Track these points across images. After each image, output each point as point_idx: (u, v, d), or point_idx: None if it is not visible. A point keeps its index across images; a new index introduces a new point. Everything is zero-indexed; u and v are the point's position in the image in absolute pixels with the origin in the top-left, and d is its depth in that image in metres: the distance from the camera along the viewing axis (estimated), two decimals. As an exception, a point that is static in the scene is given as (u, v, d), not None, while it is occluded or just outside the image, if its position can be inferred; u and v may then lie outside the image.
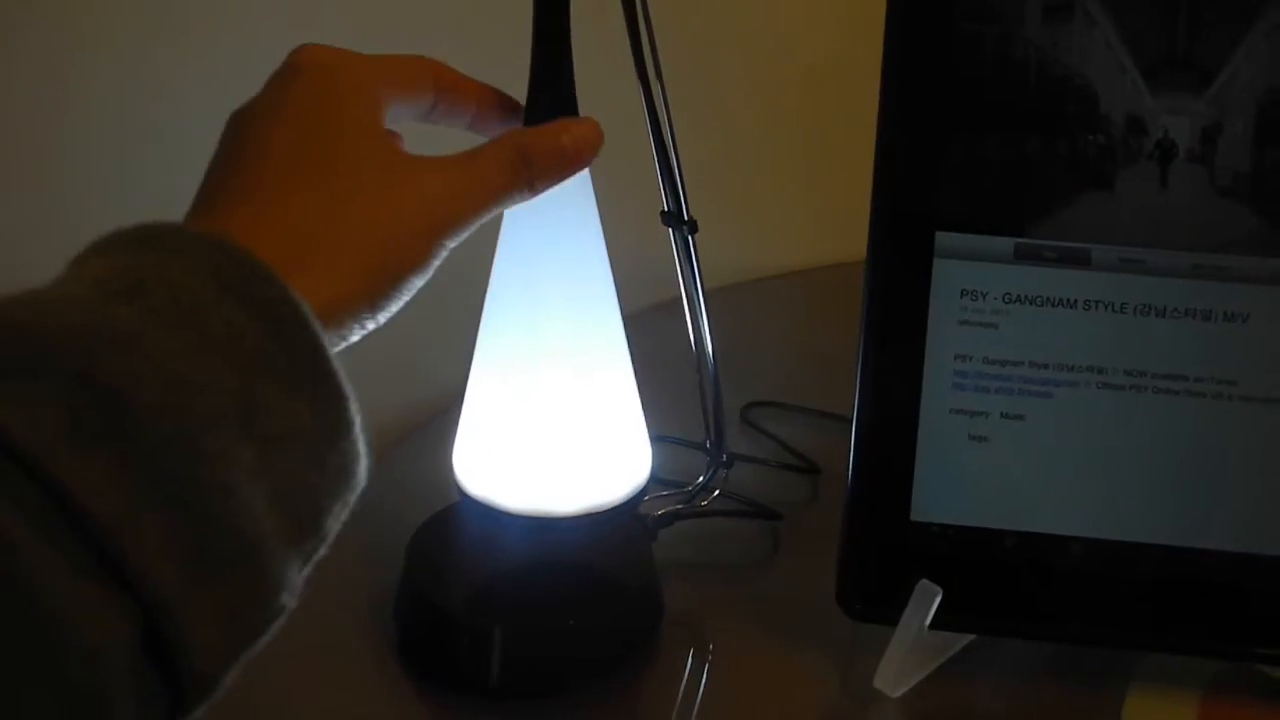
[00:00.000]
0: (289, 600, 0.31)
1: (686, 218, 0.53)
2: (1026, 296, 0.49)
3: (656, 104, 0.51)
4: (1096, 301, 0.49)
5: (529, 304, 0.49)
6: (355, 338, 0.36)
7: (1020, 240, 0.49)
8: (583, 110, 0.46)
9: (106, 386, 0.27)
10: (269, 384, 0.30)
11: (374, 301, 0.36)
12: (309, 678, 0.53)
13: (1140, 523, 0.50)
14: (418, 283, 0.37)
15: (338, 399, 0.31)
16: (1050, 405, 0.49)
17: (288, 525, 0.30)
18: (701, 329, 0.56)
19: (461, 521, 0.54)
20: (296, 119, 0.37)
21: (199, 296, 0.30)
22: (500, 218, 0.48)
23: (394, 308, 0.37)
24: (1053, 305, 0.49)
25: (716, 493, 0.61)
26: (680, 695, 0.54)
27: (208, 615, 0.28)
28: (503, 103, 0.45)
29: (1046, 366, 0.49)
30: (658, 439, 0.54)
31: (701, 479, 0.60)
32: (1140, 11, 0.47)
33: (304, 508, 0.30)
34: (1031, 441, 0.50)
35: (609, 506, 0.50)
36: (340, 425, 0.31)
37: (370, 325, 0.36)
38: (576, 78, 0.46)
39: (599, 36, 0.48)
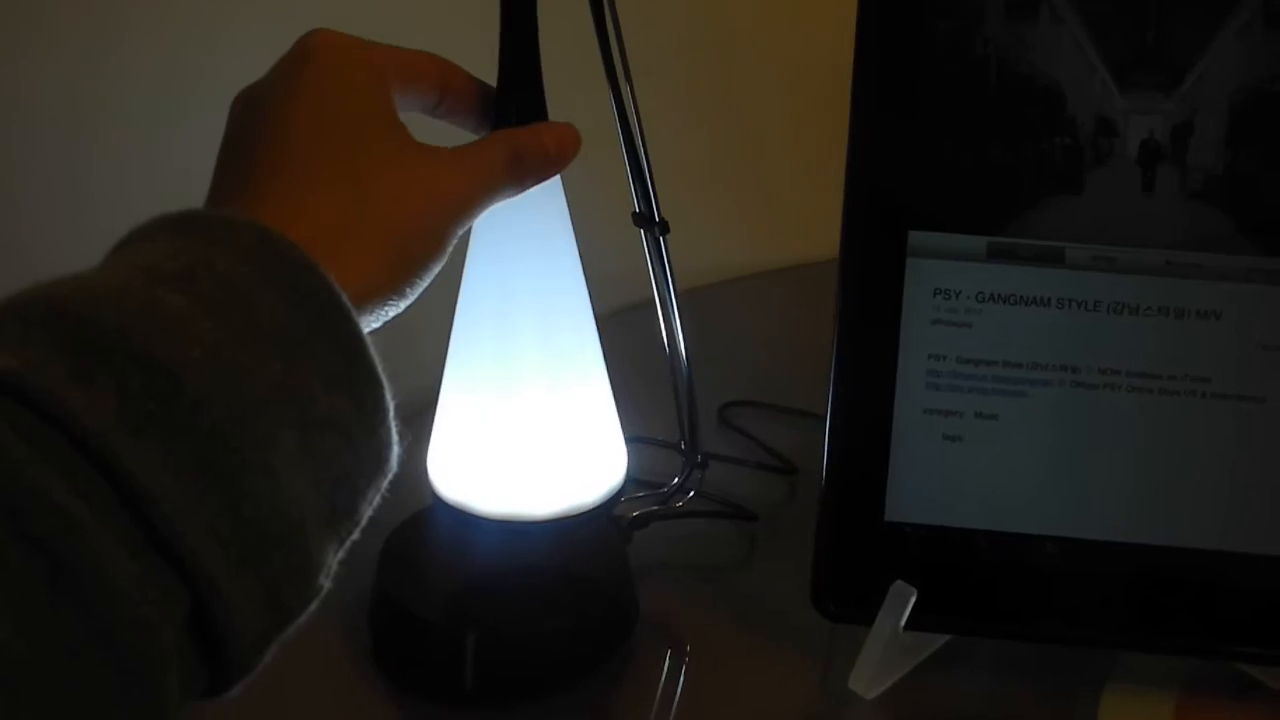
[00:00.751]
0: (325, 582, 0.31)
1: (658, 219, 0.53)
2: (1000, 295, 0.49)
3: (626, 106, 0.51)
4: (1070, 300, 0.49)
5: (501, 307, 0.48)
6: (378, 324, 0.37)
7: (993, 239, 0.49)
8: (552, 112, 0.46)
9: (162, 372, 0.28)
10: (311, 371, 0.31)
11: (400, 289, 0.37)
12: (282, 682, 0.52)
13: (1114, 521, 0.50)
14: (437, 268, 0.38)
15: (375, 387, 0.32)
16: (1024, 404, 0.49)
17: (326, 509, 0.31)
18: (674, 329, 0.56)
19: (435, 525, 0.54)
20: (313, 103, 0.37)
21: (245, 285, 0.30)
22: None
23: (416, 294, 0.38)
24: (1026, 304, 0.49)
25: (692, 494, 0.60)
26: (657, 698, 0.54)
27: (252, 595, 0.29)
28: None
29: (1020, 365, 0.49)
30: (632, 440, 0.54)
31: (676, 480, 0.60)
32: (1109, 9, 0.47)
33: (341, 492, 0.31)
34: (1005, 441, 0.49)
35: (583, 509, 0.50)
36: (377, 412, 0.32)
37: (393, 312, 0.37)
38: (546, 79, 0.46)
39: (568, 38, 0.48)
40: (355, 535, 0.33)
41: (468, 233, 0.48)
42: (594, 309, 0.50)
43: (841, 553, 0.51)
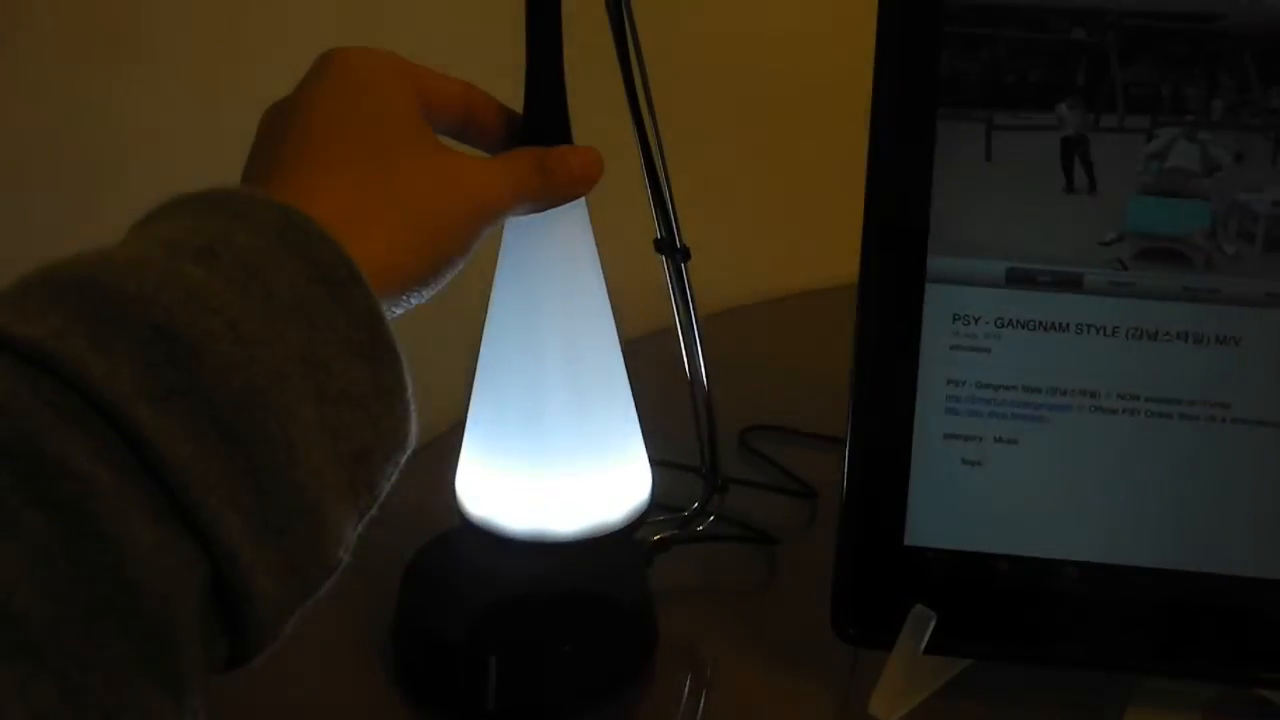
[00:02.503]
0: (344, 555, 0.32)
1: (679, 245, 0.54)
2: (1018, 321, 0.49)
3: (648, 133, 0.51)
4: (1089, 325, 0.49)
5: (528, 330, 0.49)
6: (400, 310, 0.37)
7: (1012, 264, 0.49)
8: (576, 139, 0.47)
9: (183, 341, 0.28)
10: (330, 345, 0.31)
11: (422, 277, 0.37)
12: (307, 702, 0.53)
13: (1135, 546, 0.50)
14: (460, 264, 0.39)
15: (393, 362, 0.32)
16: (1043, 429, 0.49)
17: (345, 481, 0.31)
18: (695, 354, 0.56)
19: (459, 545, 0.54)
20: (339, 101, 0.38)
21: (265, 259, 0.31)
22: (497, 243, 0.49)
23: (438, 285, 0.38)
24: (1045, 329, 0.49)
25: (713, 518, 0.61)
26: (677, 721, 0.54)
27: (271, 565, 0.29)
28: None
29: (1039, 390, 0.49)
30: (653, 464, 0.54)
31: (697, 504, 0.60)
32: (1142, 54, 0.47)
33: (359, 465, 0.31)
34: (1025, 465, 0.50)
35: (610, 529, 0.50)
36: (395, 387, 0.32)
37: (414, 301, 0.38)
38: (570, 107, 0.47)
39: (592, 66, 0.49)
40: (374, 510, 0.33)
41: (495, 257, 0.49)
42: (618, 334, 0.51)
43: (861, 577, 0.51)
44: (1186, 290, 0.48)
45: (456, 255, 0.38)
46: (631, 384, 0.52)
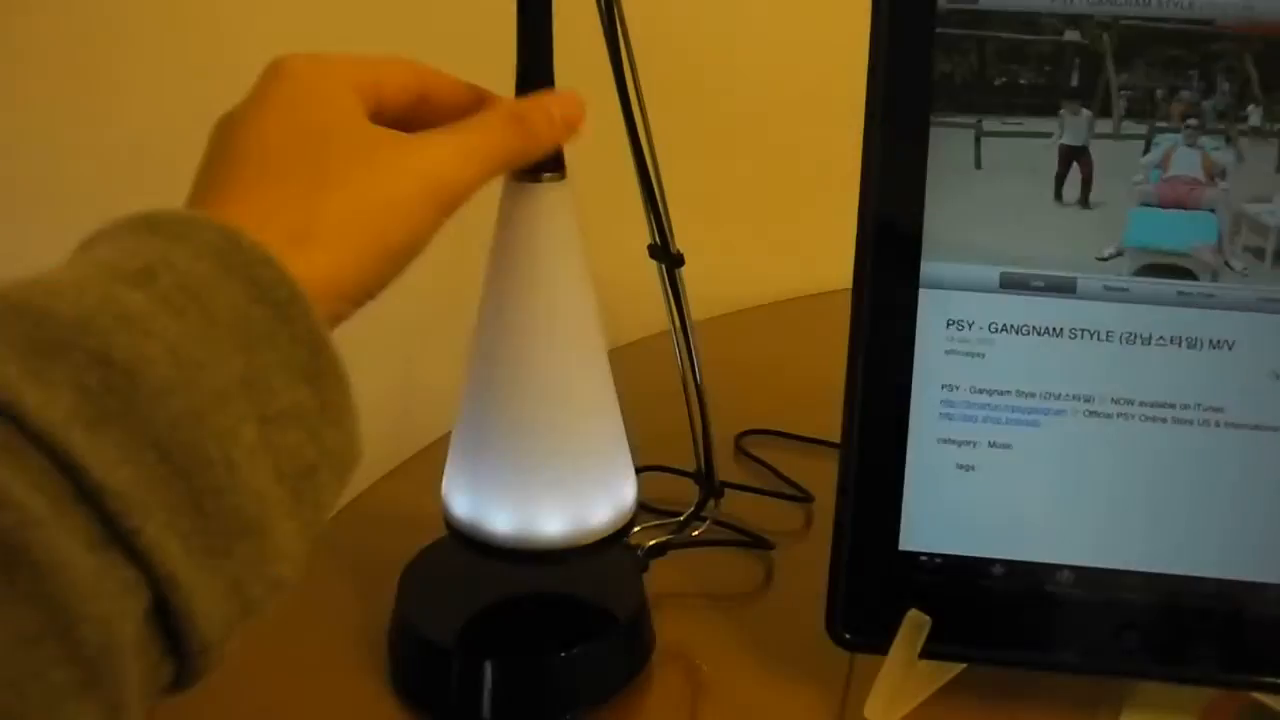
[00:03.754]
0: (290, 573, 0.32)
1: (673, 251, 0.54)
2: (1013, 326, 0.49)
3: (641, 139, 0.51)
4: (1083, 330, 0.49)
5: (515, 338, 0.49)
6: (354, 311, 0.37)
7: (1005, 269, 0.49)
8: (568, 145, 0.47)
9: (120, 367, 0.28)
10: (272, 365, 0.31)
11: (371, 278, 0.37)
12: (302, 709, 0.53)
13: (1130, 550, 0.50)
14: (420, 249, 0.38)
15: (337, 380, 0.33)
16: (1038, 434, 0.49)
17: (290, 500, 0.31)
18: (689, 359, 0.56)
19: (452, 553, 0.54)
20: (279, 114, 0.37)
21: (204, 281, 0.31)
22: (488, 249, 0.49)
23: (390, 280, 0.38)
24: (1039, 334, 0.49)
25: (709, 522, 0.61)
26: (673, 726, 0.54)
27: (213, 587, 0.29)
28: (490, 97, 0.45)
29: (1033, 395, 0.49)
30: (648, 468, 0.54)
31: (693, 509, 0.60)
32: (1138, 57, 0.47)
33: (305, 484, 0.32)
34: (1019, 470, 0.50)
35: (597, 537, 0.50)
36: (340, 405, 0.33)
37: (367, 300, 0.37)
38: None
39: (583, 71, 0.49)
40: (320, 527, 0.33)
41: (482, 263, 0.49)
42: (613, 339, 0.51)
43: (856, 581, 0.51)
44: (1180, 295, 0.49)
45: (413, 245, 0.38)
46: (626, 389, 0.52)
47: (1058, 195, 0.48)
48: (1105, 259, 0.48)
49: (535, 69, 0.45)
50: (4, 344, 0.28)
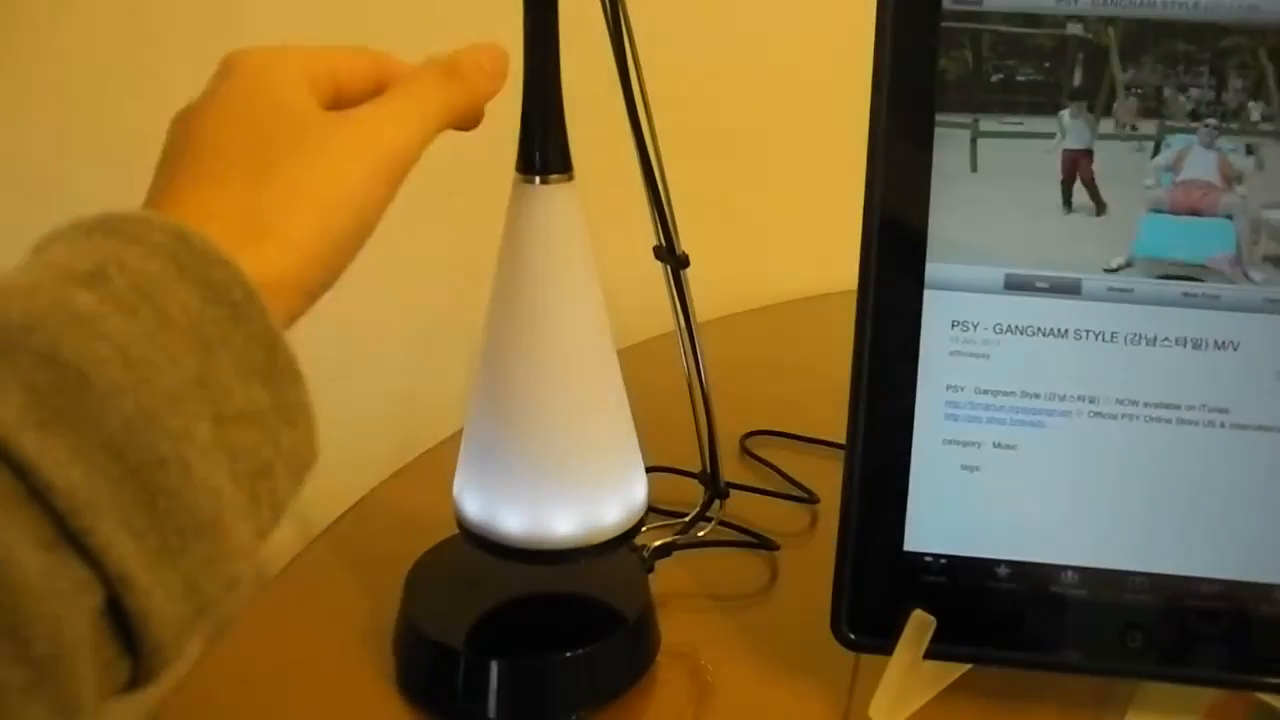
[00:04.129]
0: (245, 570, 0.32)
1: (678, 253, 0.54)
2: (1017, 327, 0.49)
3: (646, 140, 0.51)
4: (1087, 331, 0.49)
5: (525, 338, 0.49)
6: (310, 304, 0.37)
7: (1010, 270, 0.49)
8: (574, 147, 0.47)
9: (70, 367, 0.28)
10: (226, 365, 0.31)
11: (324, 268, 0.36)
12: (308, 708, 0.53)
13: (1134, 551, 0.50)
14: (365, 234, 0.37)
15: (293, 379, 0.33)
16: (1042, 435, 0.50)
17: (246, 500, 0.31)
18: (695, 361, 0.57)
19: (459, 553, 0.55)
20: (231, 108, 0.37)
21: (157, 281, 0.31)
22: (497, 251, 0.49)
23: (343, 266, 0.37)
24: (1044, 335, 0.49)
25: (714, 523, 0.61)
26: (678, 726, 0.54)
27: (167, 586, 0.29)
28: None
29: (1038, 396, 0.49)
30: (654, 469, 0.54)
31: (698, 509, 0.60)
32: (1147, 55, 0.48)
33: (261, 483, 0.32)
34: (1024, 471, 0.50)
35: (607, 536, 0.50)
36: (295, 404, 0.33)
37: (323, 291, 0.37)
38: (568, 114, 0.47)
39: (590, 74, 0.49)
40: (276, 525, 0.33)
41: (490, 265, 0.49)
42: (619, 340, 0.51)
43: (861, 582, 0.51)
44: (1185, 296, 0.49)
45: (363, 225, 0.37)
46: (632, 390, 0.52)
47: (1066, 203, 0.48)
48: (1114, 270, 0.48)
49: (542, 70, 0.46)
50: None
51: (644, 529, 0.53)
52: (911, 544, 0.50)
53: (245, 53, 0.39)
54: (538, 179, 0.47)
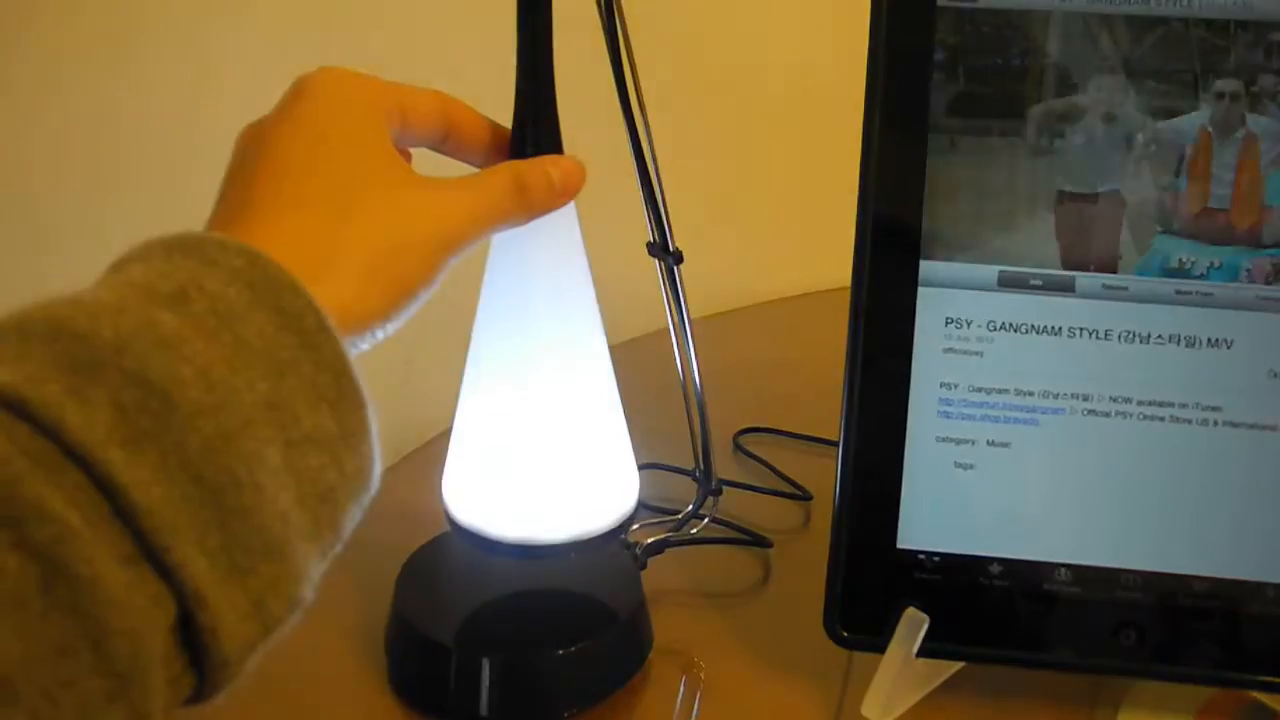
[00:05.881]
0: (309, 593, 0.32)
1: (671, 249, 0.54)
2: (1011, 324, 0.49)
3: (640, 137, 0.51)
4: (1081, 329, 0.49)
5: (516, 334, 0.49)
6: (366, 346, 0.38)
7: (1004, 268, 0.49)
8: (568, 145, 0.47)
9: (155, 389, 0.29)
10: (297, 391, 0.32)
11: (386, 311, 0.38)
12: (300, 708, 0.53)
13: (1128, 549, 0.50)
14: (425, 295, 0.39)
15: (358, 406, 0.33)
16: (1036, 432, 0.50)
17: (310, 523, 0.32)
18: (688, 357, 0.56)
19: (451, 551, 0.54)
20: (309, 135, 0.38)
21: (235, 306, 0.31)
22: (487, 247, 0.49)
23: (404, 317, 0.39)
24: (1037, 332, 0.49)
25: (707, 520, 0.61)
26: (671, 724, 0.54)
27: (237, 605, 0.30)
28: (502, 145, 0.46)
29: (1032, 394, 0.49)
30: (648, 467, 0.54)
31: (691, 506, 0.60)
32: (1143, 41, 0.47)
33: (325, 507, 0.32)
34: (1017, 468, 0.50)
35: (597, 534, 0.50)
36: (360, 431, 0.33)
37: (381, 335, 0.38)
38: (561, 111, 0.47)
39: (584, 71, 0.49)
40: (339, 549, 0.34)
41: (484, 261, 0.49)
42: (612, 337, 0.51)
43: (854, 580, 0.51)
44: (1179, 294, 0.49)
45: (421, 289, 0.39)
46: (625, 387, 0.52)
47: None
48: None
49: (535, 68, 0.45)
50: (46, 363, 0.28)
51: (636, 526, 0.53)
52: (904, 541, 0.50)
53: (322, 75, 0.39)
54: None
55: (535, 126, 0.46)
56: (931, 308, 0.49)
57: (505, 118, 0.46)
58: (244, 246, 0.33)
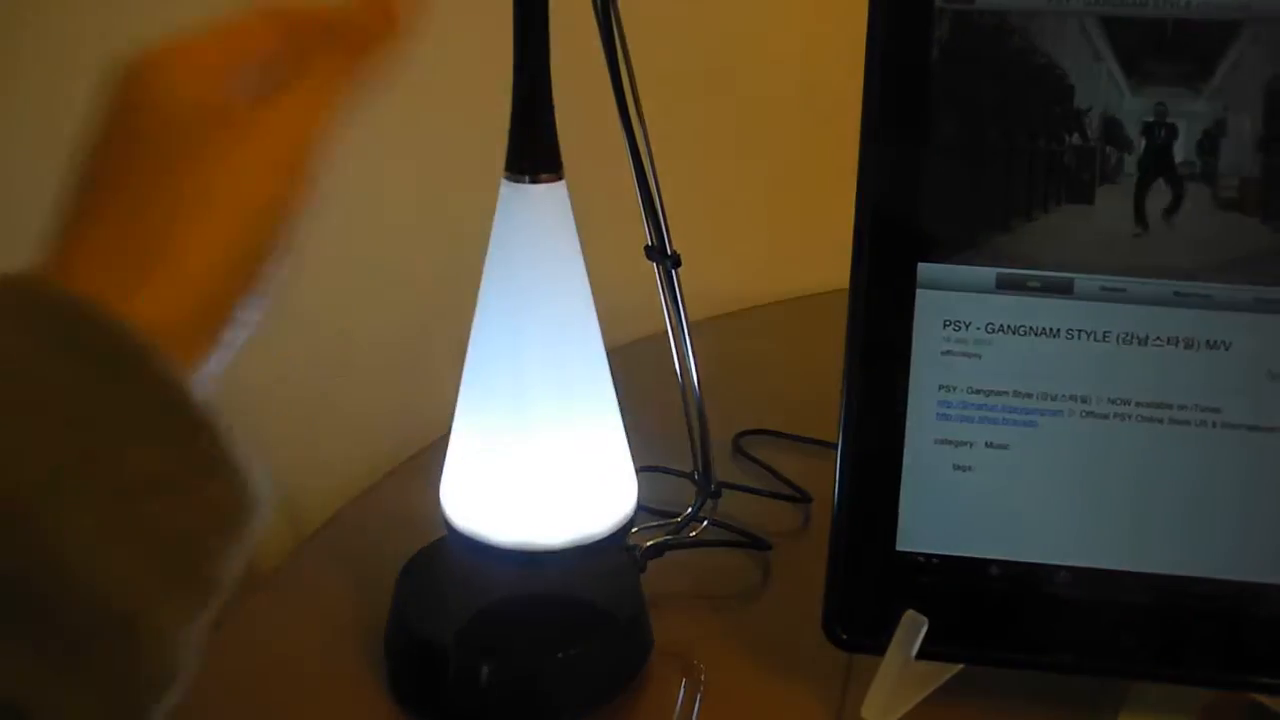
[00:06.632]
0: (187, 656, 0.29)
1: (670, 252, 0.54)
2: (1009, 326, 0.49)
3: (638, 140, 0.51)
4: (1079, 330, 0.49)
5: (513, 339, 0.49)
6: (228, 333, 0.32)
7: (1002, 270, 0.49)
8: (565, 147, 0.47)
9: None
10: (112, 432, 0.28)
11: (244, 291, 0.32)
12: (299, 709, 0.53)
13: (1126, 551, 0.50)
14: (272, 250, 0.33)
15: (197, 431, 0.29)
16: (1034, 434, 0.49)
17: (163, 579, 0.28)
18: (686, 360, 0.56)
19: (450, 555, 0.54)
20: (106, 131, 0.33)
21: (20, 353, 0.27)
22: (486, 251, 0.49)
23: (255, 289, 0.32)
24: (1035, 335, 0.49)
25: (706, 523, 0.61)
26: (671, 727, 0.54)
27: (79, 699, 0.26)
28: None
29: (1030, 396, 0.49)
30: (646, 469, 0.54)
31: (691, 509, 0.60)
32: (1132, 32, 0.47)
33: (180, 555, 0.28)
34: (1016, 470, 0.50)
35: (596, 538, 0.50)
36: (211, 455, 0.29)
37: (250, 302, 0.32)
38: (559, 116, 0.47)
39: (581, 75, 0.49)
40: (223, 595, 0.30)
41: (482, 265, 0.49)
42: (610, 340, 0.51)
43: (853, 582, 0.51)
44: (1177, 295, 0.49)
45: (269, 240, 0.32)
46: (624, 390, 0.52)
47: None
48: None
49: (532, 69, 0.45)
50: None
51: (636, 529, 0.53)
52: (904, 544, 0.50)
53: (123, 61, 0.33)
54: (527, 179, 0.47)
55: (531, 130, 0.46)
56: (930, 310, 0.49)
57: (502, 119, 0.46)
58: (32, 283, 0.29)
